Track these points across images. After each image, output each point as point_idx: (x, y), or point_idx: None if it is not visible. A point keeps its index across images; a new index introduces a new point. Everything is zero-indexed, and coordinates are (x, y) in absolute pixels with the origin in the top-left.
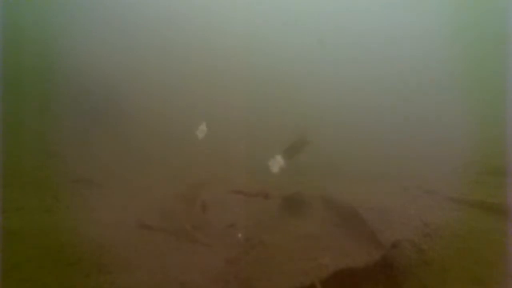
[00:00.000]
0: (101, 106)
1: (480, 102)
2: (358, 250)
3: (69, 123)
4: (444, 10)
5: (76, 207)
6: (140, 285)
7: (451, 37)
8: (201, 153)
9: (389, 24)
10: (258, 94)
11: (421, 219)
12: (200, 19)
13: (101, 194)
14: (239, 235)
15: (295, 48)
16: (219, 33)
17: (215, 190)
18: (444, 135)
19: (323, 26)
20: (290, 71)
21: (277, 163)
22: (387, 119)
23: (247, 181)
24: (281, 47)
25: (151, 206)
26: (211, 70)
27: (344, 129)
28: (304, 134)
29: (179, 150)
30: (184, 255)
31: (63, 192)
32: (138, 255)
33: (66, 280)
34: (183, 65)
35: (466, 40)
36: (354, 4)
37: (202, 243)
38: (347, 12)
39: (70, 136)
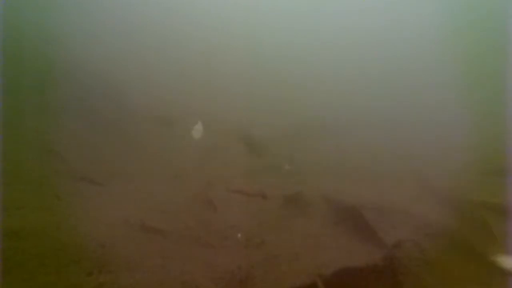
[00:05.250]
0: (102, 105)
1: (480, 102)
2: (360, 250)
3: (70, 122)
4: (444, 10)
5: (77, 206)
6: (141, 284)
7: (451, 37)
8: (202, 153)
9: (390, 24)
10: (258, 94)
11: (423, 219)
12: (200, 19)
13: (102, 193)
14: (239, 235)
15: (295, 48)
16: (220, 33)
17: (217, 190)
18: (445, 135)
19: (323, 27)
20: (291, 71)
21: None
22: (387, 119)
23: (248, 181)
24: (281, 48)
25: (152, 206)
26: (212, 69)
27: (344, 129)
28: None
29: (181, 150)
30: (185, 254)
31: (65, 191)
32: (139, 255)
33: (67, 279)
34: (184, 64)
35: (466, 40)
36: (354, 5)
37: (204, 243)
38: (348, 13)
39: (71, 135)
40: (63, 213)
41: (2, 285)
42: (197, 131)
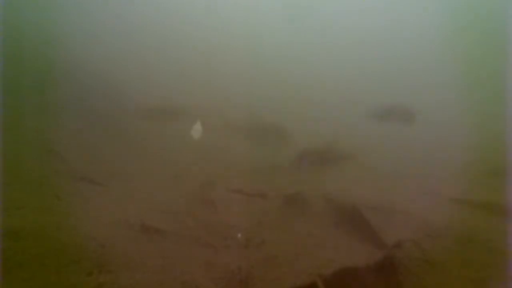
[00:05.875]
0: (102, 105)
1: (480, 102)
2: (360, 250)
3: (70, 122)
4: (444, 10)
5: (77, 206)
6: (141, 284)
7: (451, 37)
8: (202, 153)
9: (389, 23)
10: (258, 94)
11: (423, 219)
12: (200, 19)
13: (102, 193)
14: (239, 235)
15: (295, 47)
16: (219, 33)
17: (217, 190)
18: (445, 135)
19: (323, 26)
20: (291, 71)
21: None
22: (386, 119)
23: (248, 181)
24: (281, 47)
25: (152, 206)
26: (212, 69)
27: (345, 129)
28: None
29: (181, 150)
30: (185, 254)
31: (65, 191)
32: (139, 255)
33: (67, 279)
34: (184, 64)
35: (466, 40)
36: (353, 4)
37: (204, 243)
38: (347, 12)
39: (71, 135)
40: (63, 213)
41: (2, 285)
42: (196, 131)
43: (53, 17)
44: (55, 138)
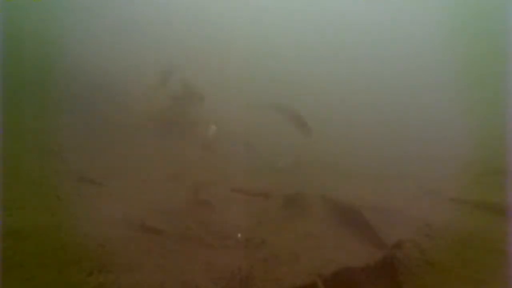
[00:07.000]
0: (102, 105)
1: (480, 102)
2: (360, 250)
3: (70, 122)
4: (444, 10)
5: (77, 206)
6: (141, 284)
7: (451, 36)
8: (202, 153)
9: (389, 23)
10: (259, 94)
11: (423, 219)
12: (201, 19)
13: (102, 193)
14: (239, 235)
15: (296, 47)
16: (219, 33)
17: (217, 190)
18: (444, 135)
19: (323, 25)
20: (291, 70)
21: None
22: (388, 119)
23: (248, 181)
24: (282, 47)
25: (152, 206)
26: (212, 69)
27: (345, 128)
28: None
29: (181, 150)
30: (185, 254)
31: (65, 191)
32: (139, 255)
33: (67, 279)
34: (184, 65)
35: (466, 39)
36: (353, 3)
37: (204, 243)
38: (347, 11)
39: (71, 135)
40: (63, 213)
41: (2, 285)
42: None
43: (53, 17)
44: (55, 138)
